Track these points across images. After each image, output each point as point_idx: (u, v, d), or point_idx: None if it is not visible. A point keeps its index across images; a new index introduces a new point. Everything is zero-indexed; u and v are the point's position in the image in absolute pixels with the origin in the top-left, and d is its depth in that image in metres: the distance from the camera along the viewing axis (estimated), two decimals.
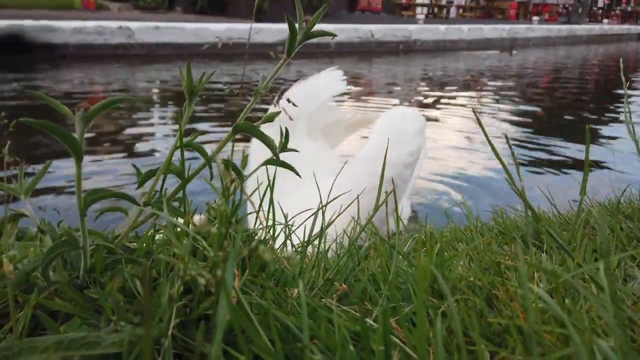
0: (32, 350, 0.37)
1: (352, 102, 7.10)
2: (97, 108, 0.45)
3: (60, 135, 0.43)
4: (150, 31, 11.56)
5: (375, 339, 0.42)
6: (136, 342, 0.41)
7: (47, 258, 0.49)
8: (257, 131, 0.70)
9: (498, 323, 0.53)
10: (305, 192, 1.33)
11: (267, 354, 0.38)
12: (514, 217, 1.05)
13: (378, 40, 14.45)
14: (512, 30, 18.08)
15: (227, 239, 0.50)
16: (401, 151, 2.43)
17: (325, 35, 0.68)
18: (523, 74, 11.15)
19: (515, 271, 0.69)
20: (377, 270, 0.72)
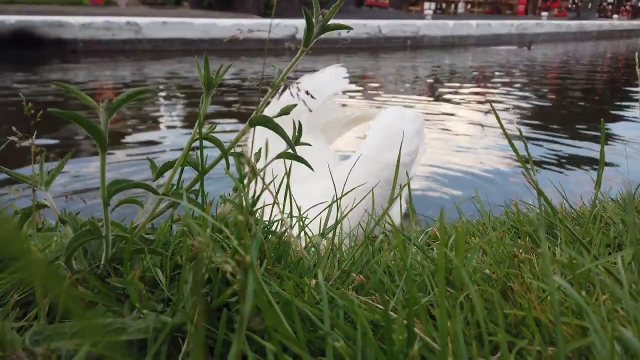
0: (62, 336, 0.38)
1: (360, 98, 7.09)
2: (121, 99, 0.45)
3: (86, 125, 0.44)
4: (157, 27, 11.59)
5: (395, 329, 0.42)
6: (161, 328, 0.41)
7: (71, 247, 0.50)
8: (272, 124, 0.70)
9: (514, 314, 0.53)
10: (305, 189, 1.35)
11: (291, 342, 0.39)
12: (526, 211, 1.05)
13: (386, 36, 14.41)
14: (521, 26, 17.95)
15: (248, 229, 0.51)
16: (400, 152, 2.49)
17: (342, 28, 0.68)
18: (532, 70, 11.07)
19: (529, 264, 0.70)
20: (392, 262, 0.72)
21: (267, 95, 0.71)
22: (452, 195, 3.28)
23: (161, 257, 0.61)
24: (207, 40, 12.04)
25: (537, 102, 7.25)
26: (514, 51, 14.97)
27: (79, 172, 3.41)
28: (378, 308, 0.51)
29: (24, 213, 0.63)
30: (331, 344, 0.40)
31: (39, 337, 0.37)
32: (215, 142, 0.70)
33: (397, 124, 2.66)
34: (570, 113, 6.40)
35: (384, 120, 2.68)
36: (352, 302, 0.46)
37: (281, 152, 0.79)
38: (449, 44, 15.75)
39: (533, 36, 18.19)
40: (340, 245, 0.84)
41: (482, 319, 0.39)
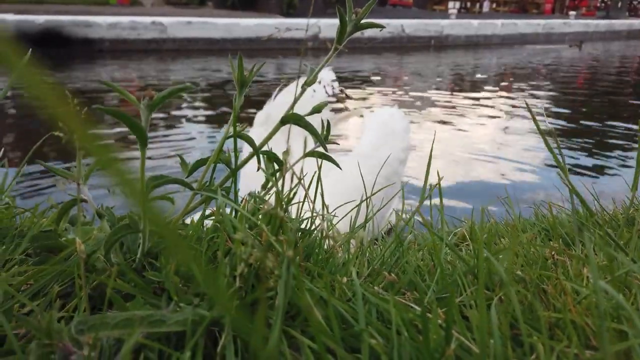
0: (104, 326, 0.39)
1: (379, 97, 7.07)
2: (162, 96, 0.46)
3: (127, 121, 0.45)
4: (182, 26, 11.74)
5: (431, 328, 0.42)
6: (199, 321, 0.42)
7: (110, 240, 0.51)
8: (304, 122, 0.71)
9: (549, 316, 0.53)
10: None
11: (327, 338, 0.39)
12: (556, 213, 1.03)
13: (409, 35, 14.32)
14: (547, 26, 17.63)
15: (281, 226, 0.51)
16: (395, 148, 2.56)
17: (375, 26, 0.68)
18: (558, 71, 10.87)
19: (562, 266, 0.69)
20: (421, 262, 0.72)
21: (299, 94, 0.72)
22: (478, 196, 3.24)
23: (194, 252, 0.62)
24: (230, 39, 12.15)
25: (566, 102, 7.12)
26: (544, 50, 14.71)
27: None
28: (411, 307, 0.51)
29: (63, 207, 0.65)
30: (367, 341, 0.40)
31: (84, 327, 0.38)
32: (247, 140, 0.71)
33: (390, 122, 2.73)
34: (601, 114, 6.26)
35: (376, 119, 2.73)
36: (387, 300, 0.46)
37: (309, 151, 0.79)
38: (473, 44, 15.56)
39: (560, 36, 17.85)
40: (369, 243, 0.84)
41: (521, 320, 0.39)
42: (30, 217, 0.79)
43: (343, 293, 0.58)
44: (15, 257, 0.60)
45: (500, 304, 0.54)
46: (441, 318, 0.48)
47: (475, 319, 0.48)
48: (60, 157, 3.79)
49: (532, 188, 3.36)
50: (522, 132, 5.07)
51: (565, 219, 1.01)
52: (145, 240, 0.55)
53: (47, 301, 0.52)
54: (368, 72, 9.84)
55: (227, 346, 0.42)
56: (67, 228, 0.83)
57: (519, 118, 5.82)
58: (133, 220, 0.51)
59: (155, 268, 0.59)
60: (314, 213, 0.71)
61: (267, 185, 0.82)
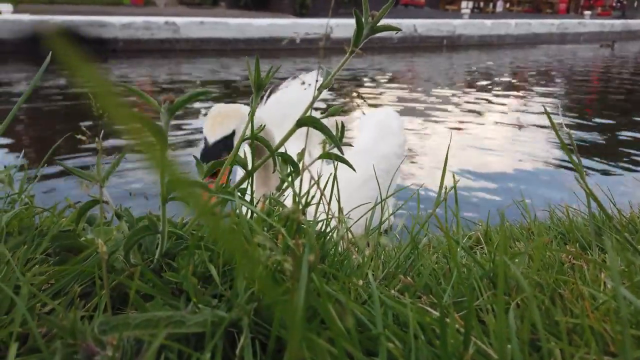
0: (126, 326, 0.40)
1: (391, 98, 7.05)
2: (182, 100, 0.47)
3: (147, 125, 0.45)
4: (195, 26, 11.80)
5: (448, 332, 0.42)
6: (218, 323, 0.42)
7: (130, 241, 0.52)
8: (319, 124, 0.71)
9: (566, 321, 0.52)
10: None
11: (345, 341, 0.39)
12: (572, 216, 1.02)
13: (421, 35, 14.26)
14: (562, 25, 17.45)
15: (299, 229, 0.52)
16: (392, 144, 2.71)
17: (391, 29, 0.69)
18: (571, 72, 10.75)
19: (579, 271, 0.68)
20: (435, 265, 0.72)
21: (315, 96, 0.72)
22: (491, 198, 3.22)
23: (210, 253, 0.62)
24: (242, 40, 12.19)
25: (581, 103, 7.05)
26: (559, 50, 14.56)
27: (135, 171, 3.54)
28: (427, 310, 0.51)
29: (82, 208, 0.66)
30: (385, 345, 0.40)
31: (106, 327, 0.39)
32: (263, 142, 0.72)
33: (385, 120, 2.85)
34: (618, 115, 6.18)
35: (372, 117, 2.82)
36: (404, 304, 0.46)
37: (323, 152, 0.80)
38: (487, 44, 15.45)
39: (575, 36, 17.66)
40: (383, 246, 0.84)
41: (540, 326, 0.38)
42: (49, 217, 0.80)
43: (358, 295, 0.58)
44: (37, 257, 0.61)
45: (517, 308, 0.54)
46: (458, 322, 0.48)
47: (493, 324, 0.48)
48: (75, 157, 3.84)
49: (546, 190, 3.33)
50: (536, 133, 5.03)
51: (581, 222, 1.00)
52: (163, 242, 0.56)
53: (67, 300, 0.53)
54: (379, 72, 9.82)
55: (245, 348, 0.43)
56: (84, 228, 0.84)
57: (532, 118, 5.77)
58: (152, 222, 0.52)
59: (173, 269, 0.60)
60: (328, 215, 0.72)
61: (281, 186, 0.83)
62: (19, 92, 6.94)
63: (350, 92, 7.24)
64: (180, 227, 0.68)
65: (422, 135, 4.86)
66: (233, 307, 0.46)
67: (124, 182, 3.25)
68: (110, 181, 0.60)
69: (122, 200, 2.70)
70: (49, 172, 3.23)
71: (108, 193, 0.64)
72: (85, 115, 4.94)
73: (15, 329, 0.40)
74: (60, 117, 5.53)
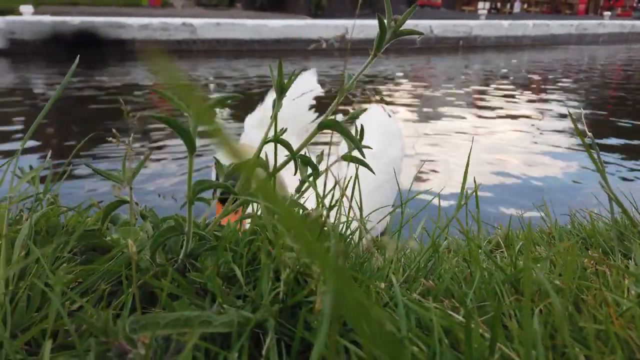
0: (156, 325, 0.40)
1: (407, 99, 7.02)
2: (210, 105, 0.48)
3: (177, 128, 0.46)
4: (211, 27, 11.90)
5: (474, 338, 0.42)
6: (244, 323, 0.43)
7: (156, 242, 0.53)
8: (341, 128, 0.71)
9: (590, 328, 0.52)
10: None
11: (372, 344, 0.40)
12: (594, 220, 1.01)
13: (437, 36, 14.18)
14: (580, 26, 17.22)
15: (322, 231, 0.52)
16: (396, 147, 2.73)
17: (414, 33, 0.69)
18: (591, 73, 10.60)
19: (602, 276, 0.67)
20: (456, 269, 0.72)
21: (336, 100, 0.72)
22: (510, 201, 3.19)
23: (233, 254, 0.63)
24: (258, 40, 12.25)
25: (601, 104, 6.95)
26: (578, 50, 14.37)
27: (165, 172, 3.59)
28: (449, 314, 0.51)
29: (108, 208, 0.67)
30: (409, 349, 0.41)
31: (136, 326, 0.40)
32: (284, 145, 0.72)
33: (386, 122, 2.84)
34: (635, 121, 6.08)
35: (372, 120, 2.80)
36: (427, 308, 0.47)
37: (345, 154, 0.80)
38: (504, 45, 15.31)
39: (594, 37, 17.41)
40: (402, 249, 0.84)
41: (566, 333, 0.38)
42: (74, 216, 0.81)
43: (380, 298, 0.58)
44: (64, 255, 0.63)
45: (540, 314, 0.54)
46: (482, 327, 0.48)
47: (516, 329, 0.48)
48: (99, 157, 3.89)
49: (566, 193, 3.29)
50: (556, 135, 4.97)
51: (603, 227, 0.99)
52: (188, 242, 0.57)
53: (95, 299, 0.55)
54: (395, 72, 9.79)
55: (271, 349, 0.43)
56: (108, 227, 0.86)
57: (552, 120, 5.71)
58: (178, 223, 0.53)
59: (197, 269, 0.61)
60: (349, 217, 0.72)
61: (301, 188, 0.83)
62: (39, 92, 7.07)
63: (370, 93, 7.23)
64: (202, 227, 0.69)
65: (439, 136, 4.83)
66: (258, 308, 0.46)
67: (151, 183, 3.30)
68: (137, 182, 0.62)
69: (149, 201, 2.75)
70: (72, 172, 3.29)
71: (133, 194, 0.65)
72: (113, 117, 5.01)
73: (50, 325, 0.41)
74: (87, 118, 5.61)
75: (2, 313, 0.48)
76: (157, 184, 3.30)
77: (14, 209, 0.81)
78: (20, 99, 6.61)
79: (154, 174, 3.56)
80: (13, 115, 5.53)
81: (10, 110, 5.85)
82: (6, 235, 0.56)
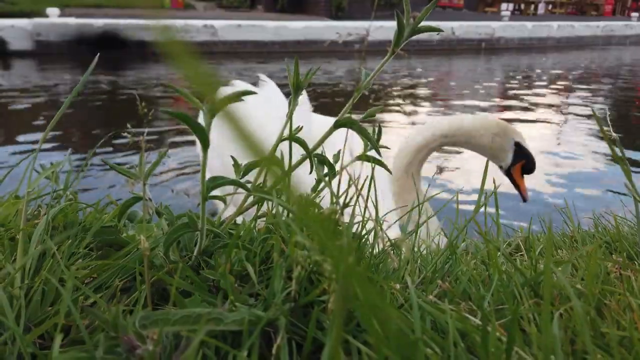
0: (166, 322, 0.40)
1: (427, 99, 6.96)
2: (224, 101, 0.47)
3: (191, 125, 0.46)
4: (232, 29, 11.99)
5: (490, 342, 0.41)
6: (255, 321, 0.43)
7: (170, 238, 0.53)
8: (357, 126, 0.70)
9: (613, 334, 0.50)
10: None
11: (383, 345, 0.39)
12: (619, 224, 0.98)
13: (459, 38, 14.05)
14: (607, 28, 16.87)
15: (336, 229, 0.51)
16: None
17: (432, 30, 0.67)
18: (617, 75, 10.36)
19: (626, 281, 0.65)
20: (474, 271, 0.70)
21: (353, 98, 0.72)
22: (532, 204, 3.13)
23: (247, 252, 0.63)
24: (278, 42, 12.31)
25: (626, 105, 6.79)
26: (601, 53, 14.08)
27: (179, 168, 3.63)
28: (465, 316, 0.50)
29: (124, 205, 0.67)
30: (423, 351, 0.39)
31: (147, 322, 0.39)
32: (300, 143, 0.72)
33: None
34: None
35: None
36: (443, 310, 0.46)
37: (361, 154, 0.79)
38: (527, 47, 15.08)
39: (621, 38, 17.04)
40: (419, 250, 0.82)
41: (587, 338, 0.37)
42: (92, 213, 0.82)
43: (395, 299, 0.57)
44: (80, 251, 0.63)
45: (560, 319, 0.52)
46: (499, 331, 0.47)
47: (535, 333, 0.47)
48: (117, 154, 3.95)
49: (591, 197, 3.22)
50: (580, 137, 4.87)
51: (628, 231, 0.96)
52: (202, 239, 0.57)
53: (109, 294, 0.55)
54: (415, 74, 9.73)
55: (282, 348, 0.43)
56: (125, 224, 0.86)
57: (575, 122, 5.60)
58: (192, 220, 0.53)
59: (210, 266, 0.61)
60: (364, 217, 0.71)
61: (317, 187, 0.83)
62: (63, 92, 7.22)
63: (388, 93, 7.20)
64: (217, 225, 0.69)
65: None
66: (270, 306, 0.46)
67: (166, 180, 3.33)
68: (153, 179, 0.62)
69: (165, 198, 2.78)
70: (90, 169, 3.34)
71: (149, 191, 0.66)
72: (126, 114, 5.09)
73: (60, 320, 0.41)
74: (104, 116, 5.71)
75: (17, 307, 0.49)
76: (176, 181, 3.33)
77: (34, 204, 0.82)
78: (45, 98, 6.76)
79: (173, 170, 3.59)
80: (38, 114, 5.66)
81: (36, 109, 5.99)
82: (23, 229, 0.57)
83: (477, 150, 2.00)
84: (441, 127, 1.97)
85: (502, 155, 1.99)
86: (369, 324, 0.38)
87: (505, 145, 1.97)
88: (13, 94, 6.92)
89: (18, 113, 5.82)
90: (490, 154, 2.00)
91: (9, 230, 0.66)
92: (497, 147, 1.96)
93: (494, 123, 1.96)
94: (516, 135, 2.00)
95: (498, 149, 1.97)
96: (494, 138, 1.95)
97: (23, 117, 5.58)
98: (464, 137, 1.96)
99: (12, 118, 5.62)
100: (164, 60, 10.31)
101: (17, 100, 6.44)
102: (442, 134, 1.95)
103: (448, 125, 1.98)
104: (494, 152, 1.98)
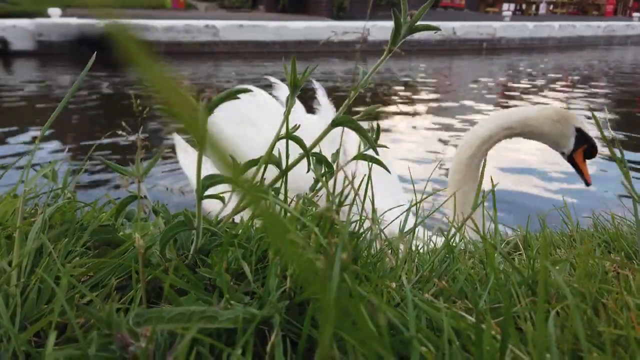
0: (160, 319, 0.40)
1: (427, 101, 6.96)
2: (220, 98, 0.47)
3: (187, 123, 0.46)
4: (234, 29, 12.00)
5: (485, 340, 0.41)
6: (250, 319, 0.43)
7: (165, 236, 0.53)
8: (355, 125, 0.70)
9: (610, 332, 0.50)
10: None
11: (376, 343, 0.39)
12: (617, 223, 0.98)
13: (460, 38, 14.04)
14: (608, 28, 16.85)
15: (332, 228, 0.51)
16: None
17: (430, 29, 0.67)
18: (618, 76, 10.34)
19: (624, 280, 0.65)
20: (471, 270, 0.70)
21: (350, 97, 0.72)
22: (530, 202, 3.13)
23: (244, 251, 0.63)
24: (278, 42, 12.31)
25: (626, 106, 6.77)
26: (602, 52, 14.07)
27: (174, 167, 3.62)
28: (462, 315, 0.50)
29: (121, 203, 0.67)
30: (418, 349, 0.39)
31: (140, 319, 0.39)
32: (297, 142, 0.72)
33: None
34: None
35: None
36: (438, 308, 0.45)
37: (358, 154, 0.79)
38: (528, 47, 15.06)
39: (622, 38, 17.01)
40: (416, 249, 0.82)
41: (583, 336, 0.37)
42: (90, 212, 0.82)
43: (391, 298, 0.57)
44: (77, 250, 0.63)
45: (556, 317, 0.52)
46: (495, 329, 0.47)
47: (531, 332, 0.47)
48: (115, 153, 3.96)
49: (589, 195, 3.21)
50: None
51: (627, 230, 0.96)
52: (198, 238, 0.56)
53: (105, 293, 0.55)
54: (416, 74, 9.72)
55: (276, 345, 0.42)
56: (123, 223, 0.86)
57: None
58: (188, 218, 0.53)
59: (207, 265, 0.61)
60: (362, 215, 0.71)
61: (315, 186, 0.82)
62: (65, 92, 7.22)
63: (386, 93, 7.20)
64: (214, 224, 0.69)
65: (459, 137, 4.77)
66: (265, 304, 0.46)
67: (162, 179, 3.33)
68: (149, 178, 0.62)
69: (161, 197, 2.78)
70: (90, 168, 3.34)
71: (145, 189, 0.66)
72: (125, 114, 5.09)
73: (55, 318, 0.41)
74: (101, 115, 5.72)
75: (13, 305, 0.49)
76: (172, 179, 3.32)
77: (31, 203, 0.82)
78: (46, 98, 6.77)
79: (170, 169, 3.58)
80: (39, 114, 5.66)
81: (37, 109, 6.00)
82: (20, 227, 0.57)
83: (539, 139, 2.03)
84: (504, 119, 1.99)
85: (564, 141, 2.01)
86: (360, 320, 0.38)
87: (566, 131, 1.99)
88: (14, 94, 6.93)
89: (18, 113, 5.83)
90: (552, 142, 2.03)
91: (6, 228, 0.66)
92: (558, 134, 1.98)
93: (553, 111, 1.99)
94: (576, 121, 2.01)
95: (559, 136, 1.99)
96: (554, 125, 1.97)
97: (24, 117, 5.59)
98: (527, 128, 1.99)
99: (12, 118, 5.63)
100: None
101: (18, 100, 6.46)
102: (505, 126, 1.98)
103: (510, 117, 2.01)
104: (556, 139, 2.00)
